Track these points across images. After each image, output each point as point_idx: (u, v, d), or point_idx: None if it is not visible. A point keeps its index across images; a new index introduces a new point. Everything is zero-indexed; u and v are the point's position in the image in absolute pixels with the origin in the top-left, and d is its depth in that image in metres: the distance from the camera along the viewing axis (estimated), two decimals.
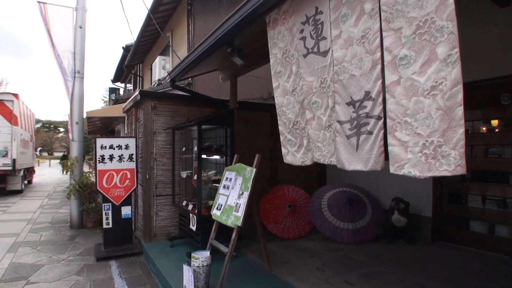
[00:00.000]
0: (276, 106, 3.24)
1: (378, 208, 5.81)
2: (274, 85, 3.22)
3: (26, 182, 14.16)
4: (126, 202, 5.51)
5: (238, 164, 4.02)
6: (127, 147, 5.50)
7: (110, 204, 5.40)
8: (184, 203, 5.07)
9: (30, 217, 8.41)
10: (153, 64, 9.81)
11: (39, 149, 34.42)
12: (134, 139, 5.61)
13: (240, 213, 3.62)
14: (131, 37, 14.21)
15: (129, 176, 5.51)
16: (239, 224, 3.54)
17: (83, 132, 7.50)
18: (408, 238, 5.50)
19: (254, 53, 4.31)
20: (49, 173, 24.19)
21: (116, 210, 5.44)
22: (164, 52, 11.29)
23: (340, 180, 6.54)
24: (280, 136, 3.28)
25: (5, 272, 4.65)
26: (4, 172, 11.48)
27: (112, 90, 20.91)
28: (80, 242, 6.21)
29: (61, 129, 61.10)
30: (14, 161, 11.52)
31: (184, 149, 5.31)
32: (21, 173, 12.57)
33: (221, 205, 4.03)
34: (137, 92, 5.59)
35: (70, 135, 7.11)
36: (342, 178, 6.65)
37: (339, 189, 5.93)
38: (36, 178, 18.43)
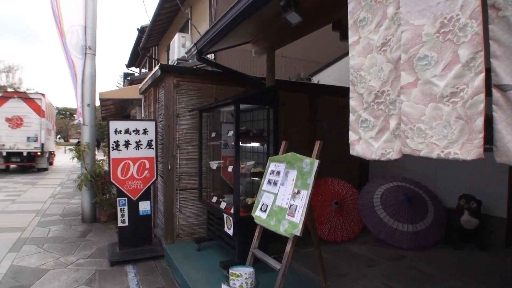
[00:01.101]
0: (351, 71, 2.29)
1: (440, 206, 4.87)
2: (350, 40, 2.27)
3: (49, 163, 17.46)
4: (145, 196, 4.70)
5: (289, 154, 3.12)
6: (145, 131, 4.66)
7: (126, 198, 4.60)
8: (214, 199, 4.22)
9: (39, 208, 7.75)
10: (171, 43, 8.94)
11: (58, 136, 34.38)
12: (153, 122, 4.76)
13: (298, 218, 2.75)
14: (147, 18, 13.41)
15: (147, 166, 4.68)
16: (298, 234, 2.67)
17: (96, 116, 6.69)
18: (478, 242, 4.57)
19: (312, 8, 3.38)
20: (64, 160, 23.78)
21: (133, 206, 4.64)
22: (183, 30, 10.41)
23: (386, 172, 5.62)
24: (350, 116, 2.35)
25: (3, 279, 3.90)
26: (35, 153, 14.91)
27: (127, 75, 20.16)
28: (92, 240, 5.46)
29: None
30: (42, 145, 14.85)
31: (213, 134, 4.43)
32: (47, 155, 16.16)
33: (267, 205, 3.17)
34: (157, 68, 4.72)
35: (80, 119, 6.32)
36: (389, 170, 5.72)
37: (393, 184, 5.00)
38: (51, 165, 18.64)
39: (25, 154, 14.64)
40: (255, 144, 4.06)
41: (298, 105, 5.65)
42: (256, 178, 3.91)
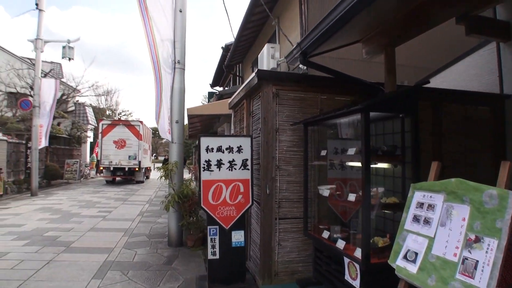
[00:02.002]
0: None
1: None
2: None
3: (146, 177, 21.66)
4: (238, 225, 4.01)
5: (453, 180, 2.15)
6: (239, 149, 4.00)
7: (217, 227, 3.95)
8: (325, 234, 3.35)
9: (128, 227, 7.59)
10: (259, 56, 8.43)
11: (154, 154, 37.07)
12: (249, 139, 4.09)
13: (483, 282, 1.76)
14: (231, 35, 13.33)
15: (242, 189, 4.00)
16: None
17: (184, 133, 6.32)
18: None
19: None
20: (152, 176, 24.98)
21: (225, 236, 3.98)
22: (270, 42, 9.92)
23: None
24: None
25: None
26: (134, 169, 18.51)
27: (211, 95, 20.47)
28: (179, 269, 4.92)
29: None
30: (139, 162, 18.41)
31: (323, 152, 3.59)
32: (143, 170, 19.86)
33: (416, 253, 2.21)
34: (252, 75, 4.08)
35: (168, 136, 5.96)
36: None
37: None
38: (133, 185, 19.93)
39: (126, 169, 18.39)
40: (383, 165, 3.13)
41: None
42: (388, 211, 2.96)
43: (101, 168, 18.63)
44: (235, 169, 3.97)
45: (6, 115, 17.81)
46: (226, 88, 19.57)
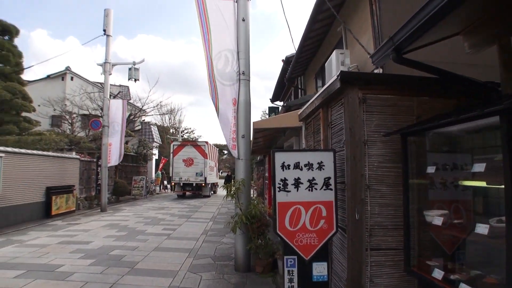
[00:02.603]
0: None
1: None
2: None
3: (212, 192, 23.69)
4: (320, 256, 3.39)
5: None
6: (320, 166, 3.42)
7: (295, 257, 3.37)
8: (438, 273, 2.61)
9: (192, 247, 7.27)
10: (326, 64, 7.82)
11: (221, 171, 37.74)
12: (331, 153, 3.49)
13: None
14: (292, 47, 12.88)
15: (324, 213, 3.39)
16: None
17: (250, 148, 5.87)
18: None
19: None
20: (219, 191, 25.16)
21: (305, 268, 3.37)
22: (336, 48, 9.29)
23: None
24: None
25: None
26: (201, 184, 20.43)
27: (272, 110, 20.12)
28: None
29: (225, 151, 66.51)
30: (205, 178, 20.28)
31: (432, 169, 2.87)
32: (209, 185, 21.70)
33: None
34: (333, 79, 3.50)
35: (234, 152, 5.55)
36: None
37: None
38: (204, 198, 20.50)
39: (194, 184, 20.38)
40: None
41: None
42: None
43: (173, 183, 21.15)
44: (316, 189, 3.38)
45: (79, 135, 18.94)
46: (285, 105, 19.10)
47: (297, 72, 14.23)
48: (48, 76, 25.93)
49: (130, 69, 14.49)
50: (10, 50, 17.35)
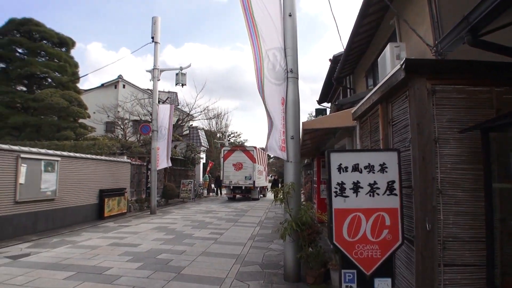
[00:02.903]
0: None
1: None
2: None
3: (261, 195, 24.36)
4: (384, 270, 2.98)
5: None
6: (383, 168, 3.01)
7: (354, 271, 2.99)
8: None
9: (239, 252, 7.04)
10: (379, 59, 7.29)
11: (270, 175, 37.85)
12: (395, 153, 3.06)
13: None
14: (340, 46, 12.41)
15: (387, 222, 2.98)
16: None
17: (299, 150, 5.52)
18: None
19: None
20: (269, 195, 25.05)
21: (365, 284, 2.98)
22: (390, 41, 8.70)
23: None
24: None
25: None
26: (250, 187, 21.37)
27: (319, 112, 19.60)
28: None
29: (270, 155, 66.46)
30: (254, 182, 21.15)
31: None
32: (258, 189, 22.45)
33: None
34: (395, 69, 3.09)
35: (283, 154, 5.24)
36: None
37: None
38: (251, 202, 20.41)
39: (243, 188, 21.34)
40: None
41: None
42: None
43: (223, 186, 22.48)
44: (378, 194, 2.98)
45: (130, 140, 19.61)
46: (336, 103, 18.49)
47: (345, 71, 13.67)
48: (102, 85, 27.30)
49: (177, 74, 14.71)
50: (67, 60, 18.38)
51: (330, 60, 14.46)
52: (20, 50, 17.65)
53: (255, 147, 22.35)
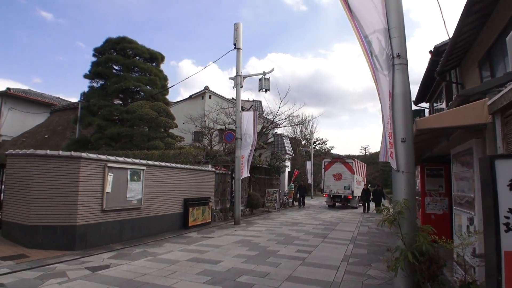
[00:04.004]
0: None
1: None
2: None
3: (360, 204, 24.08)
4: None
5: None
6: None
7: None
8: None
9: (331, 279, 5.92)
10: (507, 38, 5.68)
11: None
12: None
13: None
14: (445, 34, 10.58)
15: None
16: None
17: (413, 157, 4.26)
18: None
19: None
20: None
21: None
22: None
23: None
24: None
25: None
26: (348, 197, 22.86)
27: (416, 113, 17.45)
28: None
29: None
30: (352, 191, 22.64)
31: None
32: (356, 198, 23.65)
33: None
34: None
35: (391, 161, 4.08)
36: None
37: None
38: (340, 214, 18.82)
39: (342, 197, 23.02)
40: None
41: None
42: None
43: (326, 195, 24.09)
44: None
45: (215, 149, 19.64)
46: (436, 104, 16.26)
47: (451, 63, 11.65)
48: (190, 97, 28.30)
49: (260, 79, 14.15)
50: (157, 74, 19.15)
51: (430, 52, 12.54)
52: (116, 67, 18.88)
53: (354, 159, 24.40)
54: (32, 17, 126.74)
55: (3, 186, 8.37)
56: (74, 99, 23.53)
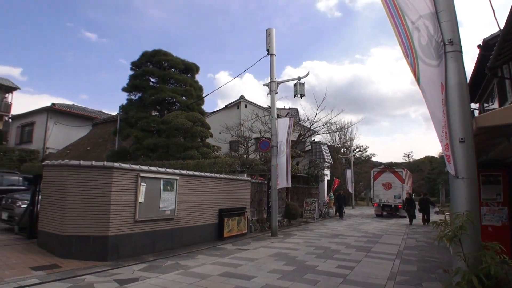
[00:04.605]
0: None
1: None
2: None
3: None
4: None
5: None
6: None
7: None
8: None
9: None
10: None
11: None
12: None
13: None
14: (492, 28, 9.53)
15: None
16: None
17: (475, 160, 3.61)
18: None
19: None
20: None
21: None
22: None
23: None
24: None
25: None
26: (398, 206, 22.94)
27: None
28: None
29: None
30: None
31: None
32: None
33: None
34: None
35: (450, 167, 3.46)
36: None
37: None
38: (384, 225, 17.80)
39: (392, 206, 23.25)
40: None
41: None
42: None
43: (375, 204, 24.17)
44: None
45: (251, 157, 19.30)
46: (487, 105, 14.98)
47: (504, 57, 10.55)
48: (226, 106, 28.33)
49: (295, 85, 13.67)
50: (192, 85, 19.26)
51: (479, 46, 11.49)
52: (152, 79, 19.21)
53: (403, 169, 24.92)
54: (78, 38, 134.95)
55: (40, 197, 8.44)
56: (115, 112, 24.23)
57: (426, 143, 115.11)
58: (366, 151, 49.34)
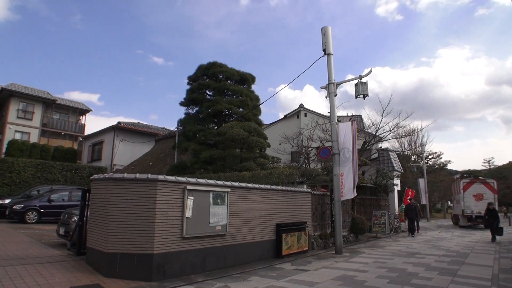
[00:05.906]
0: None
1: None
2: None
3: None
4: None
5: None
6: None
7: None
8: None
9: None
10: None
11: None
12: None
13: None
14: None
15: None
16: None
17: None
18: None
19: None
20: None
21: None
22: None
23: None
24: None
25: None
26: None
27: None
28: None
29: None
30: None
31: None
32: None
33: None
34: None
35: None
36: None
37: None
38: (468, 241, 15.75)
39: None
40: None
41: None
42: None
43: (465, 215, 23.74)
44: None
45: (311, 167, 18.14)
46: None
47: None
48: (285, 116, 27.59)
49: (356, 84, 12.42)
50: (247, 95, 18.85)
51: None
52: (209, 92, 19.12)
53: (495, 179, 25.05)
54: (147, 63, 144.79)
55: (88, 212, 8.23)
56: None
57: (508, 147, 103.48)
58: (441, 158, 45.16)
